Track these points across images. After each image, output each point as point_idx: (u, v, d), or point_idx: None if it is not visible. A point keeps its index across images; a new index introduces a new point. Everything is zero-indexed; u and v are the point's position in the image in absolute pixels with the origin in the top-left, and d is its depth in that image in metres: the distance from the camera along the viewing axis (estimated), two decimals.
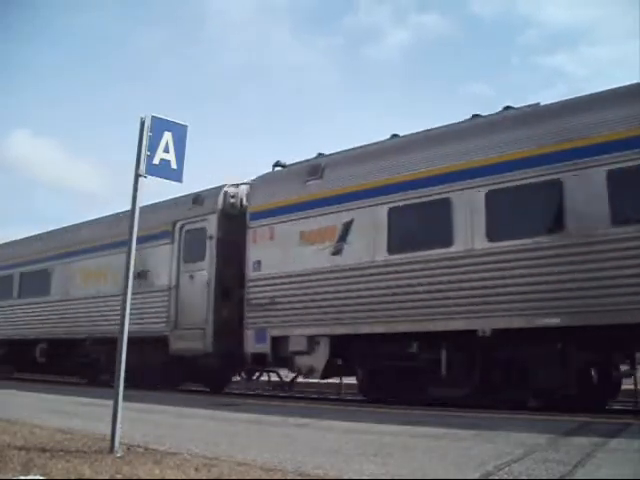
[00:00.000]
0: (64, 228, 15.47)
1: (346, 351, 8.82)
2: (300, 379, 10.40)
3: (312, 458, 3.82)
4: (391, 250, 8.30)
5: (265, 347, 9.41)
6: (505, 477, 3.24)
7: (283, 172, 10.46)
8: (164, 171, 4.49)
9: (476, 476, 3.27)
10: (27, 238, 17.03)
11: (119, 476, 3.31)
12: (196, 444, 4.35)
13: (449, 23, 67.06)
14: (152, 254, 11.51)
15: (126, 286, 4.35)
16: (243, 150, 66.62)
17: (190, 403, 8.05)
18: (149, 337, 11.06)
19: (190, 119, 4.78)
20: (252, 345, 9.59)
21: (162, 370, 11.20)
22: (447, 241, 7.78)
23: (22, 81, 58.00)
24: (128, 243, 4.39)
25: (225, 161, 64.57)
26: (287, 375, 10.53)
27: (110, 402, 4.17)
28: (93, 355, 12.73)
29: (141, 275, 11.30)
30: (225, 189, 10.83)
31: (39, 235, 16.44)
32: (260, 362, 9.76)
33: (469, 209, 7.68)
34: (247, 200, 10.63)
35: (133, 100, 63.08)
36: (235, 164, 61.00)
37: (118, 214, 13.06)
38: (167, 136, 4.48)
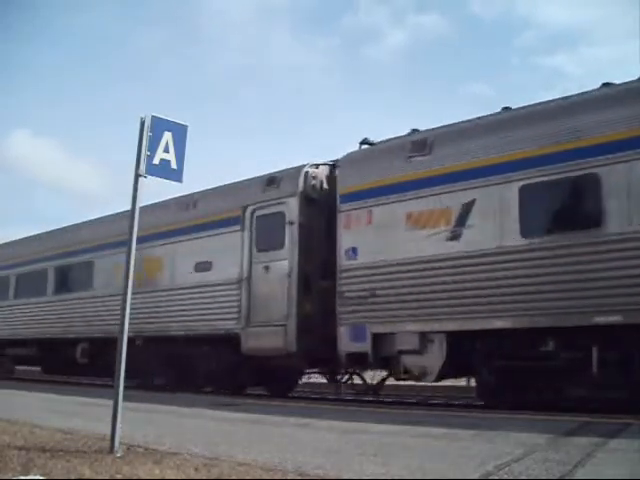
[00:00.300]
0: (108, 216, 13.94)
1: (465, 349, 7.75)
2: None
3: (312, 458, 3.82)
4: (525, 233, 7.30)
5: (364, 346, 8.30)
6: (505, 477, 3.24)
7: (378, 149, 9.26)
8: (164, 171, 4.49)
9: (476, 476, 3.27)
10: (59, 229, 15.66)
11: (119, 476, 3.31)
12: (196, 444, 4.35)
13: (448, 23, 67.09)
14: (217, 243, 10.51)
15: (126, 286, 4.34)
16: (243, 150, 66.67)
17: (190, 403, 8.05)
18: (215, 336, 10.25)
19: (190, 119, 4.76)
20: (347, 343, 8.49)
21: (229, 372, 10.20)
22: (596, 221, 6.80)
23: (22, 81, 58.04)
24: (128, 243, 4.38)
25: (224, 161, 64.66)
26: (373, 377, 9.48)
27: (110, 402, 4.16)
28: (143, 356, 11.25)
29: (203, 267, 10.61)
30: (306, 169, 9.69)
31: (77, 225, 14.97)
32: (356, 363, 8.73)
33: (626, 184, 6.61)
34: (336, 181, 9.44)
35: (133, 100, 63.10)
36: (235, 164, 61.04)
37: (169, 201, 12.05)
38: (167, 136, 4.48)
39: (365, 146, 9.45)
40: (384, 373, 9.11)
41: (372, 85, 65.64)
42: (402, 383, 11.45)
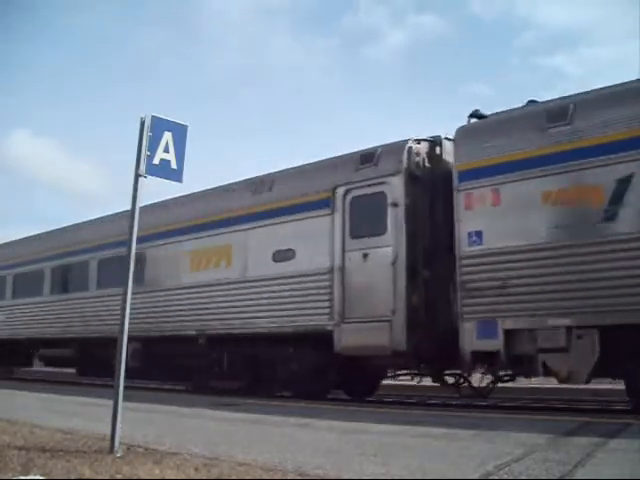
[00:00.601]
0: (161, 202, 12.32)
1: (618, 347, 6.72)
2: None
3: (312, 458, 3.82)
4: None
5: (495, 343, 7.28)
6: (505, 477, 3.24)
7: (504, 120, 8.14)
8: (164, 171, 4.49)
9: (476, 476, 3.27)
10: (102, 218, 14.02)
11: (119, 476, 3.31)
12: (196, 444, 4.35)
13: (448, 24, 67.14)
14: (301, 229, 9.39)
15: (126, 286, 4.34)
16: (243, 150, 66.66)
17: (190, 403, 8.05)
18: (299, 333, 9.16)
19: (190, 119, 4.76)
20: (472, 341, 7.46)
21: (313, 374, 9.16)
22: None
23: (22, 81, 58.04)
24: (128, 243, 4.39)
25: (224, 161, 64.66)
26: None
27: (110, 402, 4.16)
28: (207, 356, 10.48)
29: (284, 256, 9.52)
30: (409, 145, 8.57)
31: (122, 213, 12.77)
32: (483, 362, 7.78)
33: None
34: (440, 159, 8.63)
35: (133, 100, 63.09)
36: (235, 164, 61.06)
37: (245, 181, 10.88)
38: (167, 136, 4.48)
39: (474, 120, 8.37)
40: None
41: (372, 85, 65.69)
42: (401, 383, 11.36)
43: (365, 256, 8.53)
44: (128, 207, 4.59)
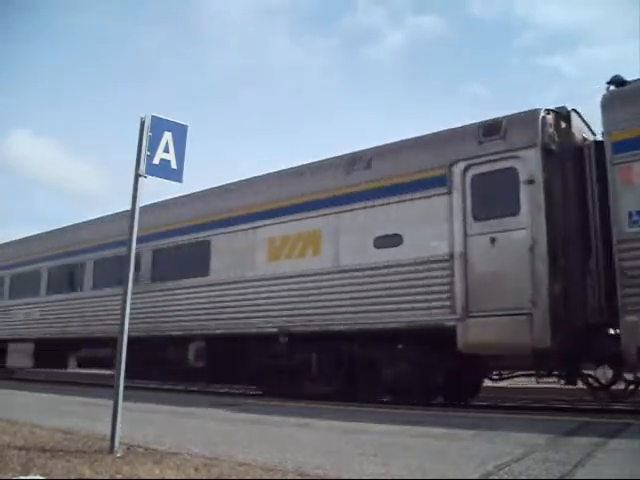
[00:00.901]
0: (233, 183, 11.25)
1: None
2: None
3: (312, 458, 3.82)
4: None
5: None
6: (505, 477, 3.24)
7: None
8: (164, 171, 4.49)
9: (476, 476, 3.27)
10: (163, 202, 12.33)
11: (119, 476, 3.31)
12: (196, 444, 4.35)
13: (447, 24, 67.17)
14: (410, 211, 8.35)
15: (126, 286, 4.33)
16: (243, 150, 66.70)
17: (190, 403, 8.05)
18: (414, 329, 8.09)
19: (190, 119, 4.77)
20: (638, 335, 6.48)
21: (424, 377, 8.19)
22: None
23: (22, 81, 58.06)
24: (128, 243, 4.38)
25: (224, 161, 64.68)
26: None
27: (110, 402, 4.16)
28: (291, 357, 9.43)
29: (390, 241, 8.48)
30: (542, 114, 7.63)
31: (194, 194, 11.78)
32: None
33: None
34: (604, 125, 7.38)
35: (133, 100, 63.14)
36: (235, 164, 61.07)
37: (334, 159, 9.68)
38: (167, 136, 4.49)
39: (612, 87, 7.43)
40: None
41: (372, 85, 65.71)
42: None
43: (493, 240, 7.59)
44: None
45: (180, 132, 4.59)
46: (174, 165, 4.53)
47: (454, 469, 3.49)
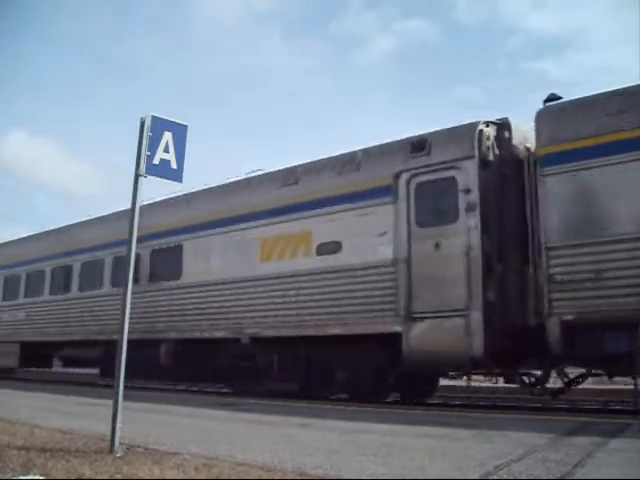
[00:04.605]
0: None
1: None
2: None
3: (312, 458, 3.82)
4: None
5: None
6: (505, 477, 3.24)
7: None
8: (164, 171, 4.49)
9: (476, 476, 3.27)
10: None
11: (119, 476, 3.31)
12: (196, 444, 4.35)
13: (435, 29, 67.30)
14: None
15: (126, 286, 4.33)
16: (235, 153, 66.78)
17: (190, 403, 8.05)
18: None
19: (188, 120, 4.77)
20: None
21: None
22: None
23: (22, 81, 58.03)
24: (128, 243, 4.38)
25: (218, 164, 64.80)
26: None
27: (110, 402, 4.16)
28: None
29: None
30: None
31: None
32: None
33: None
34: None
35: (133, 100, 63.17)
36: (229, 167, 61.14)
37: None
38: (167, 136, 4.49)
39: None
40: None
41: (364, 88, 65.81)
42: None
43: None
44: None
45: (180, 132, 4.59)
46: (174, 165, 4.53)
47: (454, 469, 3.48)
